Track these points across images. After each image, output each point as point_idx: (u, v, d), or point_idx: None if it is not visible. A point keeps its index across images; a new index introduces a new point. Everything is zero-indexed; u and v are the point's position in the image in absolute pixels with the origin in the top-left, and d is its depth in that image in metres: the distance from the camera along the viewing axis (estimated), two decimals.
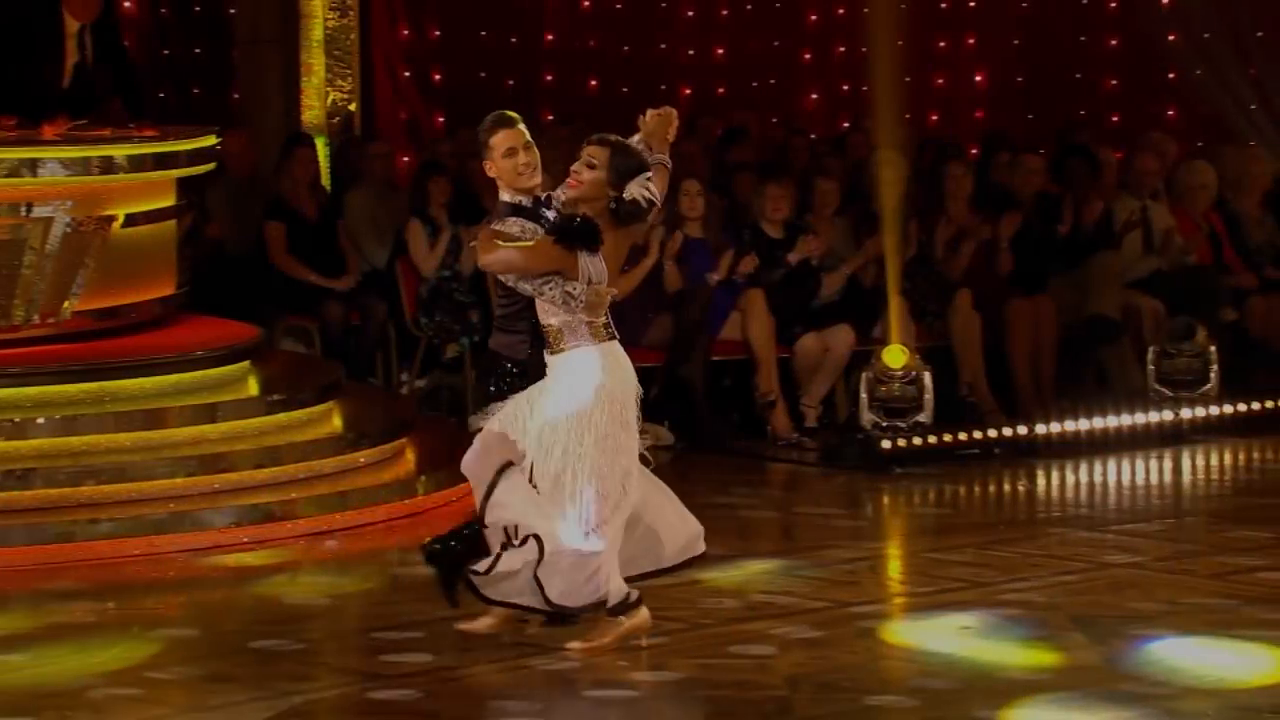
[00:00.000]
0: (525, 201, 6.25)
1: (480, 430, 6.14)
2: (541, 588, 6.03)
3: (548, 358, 6.14)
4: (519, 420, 6.08)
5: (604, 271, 6.10)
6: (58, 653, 6.17)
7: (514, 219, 6.18)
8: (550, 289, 6.08)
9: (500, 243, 6.08)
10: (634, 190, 6.09)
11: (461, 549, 6.27)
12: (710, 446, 9.90)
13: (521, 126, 6.30)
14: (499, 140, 6.24)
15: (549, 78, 13.59)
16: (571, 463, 6.05)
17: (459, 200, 10.76)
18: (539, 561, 6.03)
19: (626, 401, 6.19)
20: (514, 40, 13.50)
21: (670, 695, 5.93)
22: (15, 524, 7.39)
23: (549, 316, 6.11)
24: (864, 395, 9.64)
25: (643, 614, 6.17)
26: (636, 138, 6.35)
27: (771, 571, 7.44)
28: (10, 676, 5.97)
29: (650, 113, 6.35)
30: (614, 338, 6.20)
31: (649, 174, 6.13)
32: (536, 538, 6.02)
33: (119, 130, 8.81)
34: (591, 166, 6.10)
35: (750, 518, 8.56)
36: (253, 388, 8.65)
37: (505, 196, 6.27)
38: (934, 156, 11.52)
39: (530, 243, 6.06)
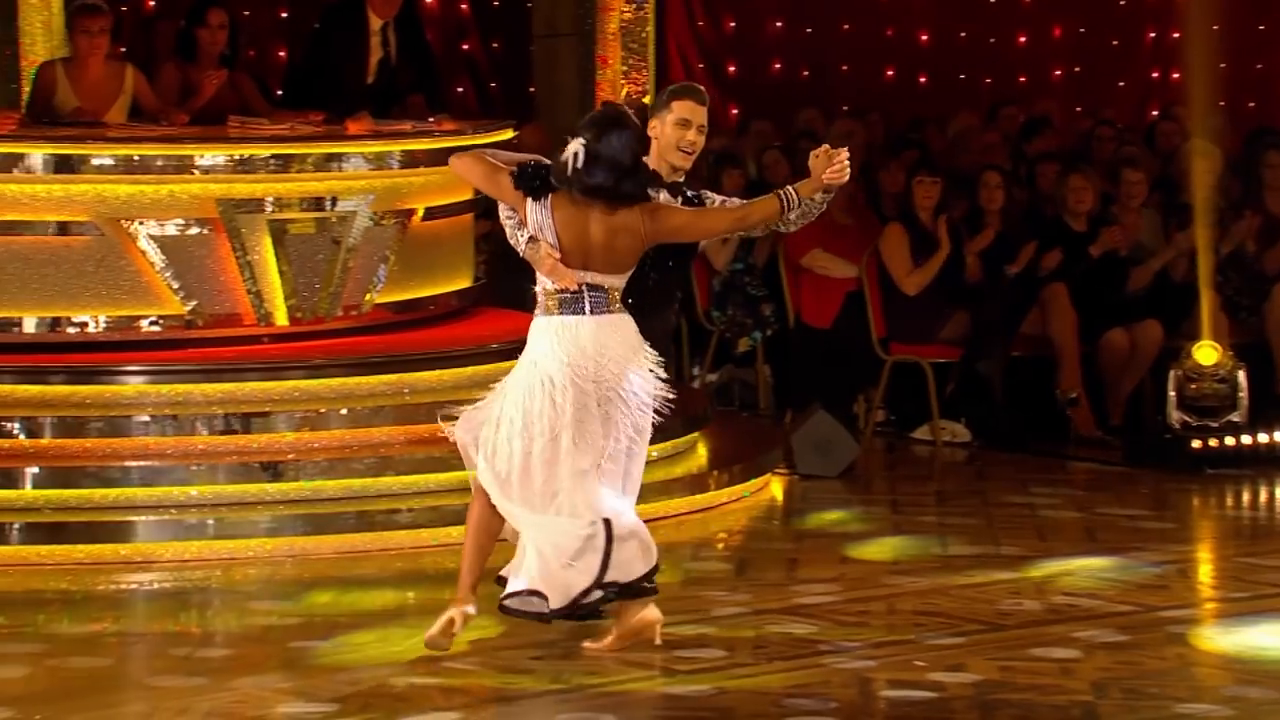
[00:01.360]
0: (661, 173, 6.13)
1: None
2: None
3: None
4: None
5: (549, 230, 5.91)
6: (360, 641, 6.27)
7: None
8: (509, 223, 6.06)
9: (487, 157, 6.04)
10: (567, 149, 5.88)
11: None
12: (1009, 445, 9.71)
13: (706, 108, 6.17)
14: (680, 107, 6.14)
15: (844, 68, 13.46)
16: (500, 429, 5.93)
17: (752, 193, 10.70)
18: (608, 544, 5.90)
19: (560, 382, 5.90)
20: (809, 31, 13.41)
21: (970, 697, 5.78)
22: (318, 513, 7.53)
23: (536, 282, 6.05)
24: (1172, 393, 9.36)
25: None
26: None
27: (1073, 573, 7.25)
28: (315, 663, 6.07)
29: (823, 148, 6.10)
30: (573, 313, 5.93)
31: (581, 141, 5.83)
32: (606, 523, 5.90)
33: (419, 125, 8.94)
34: None
35: (1051, 518, 8.35)
36: None
37: (647, 162, 6.16)
38: (1251, 146, 11.10)
39: (500, 165, 5.98)
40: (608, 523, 5.92)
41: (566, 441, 5.91)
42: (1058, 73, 13.80)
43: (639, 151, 5.95)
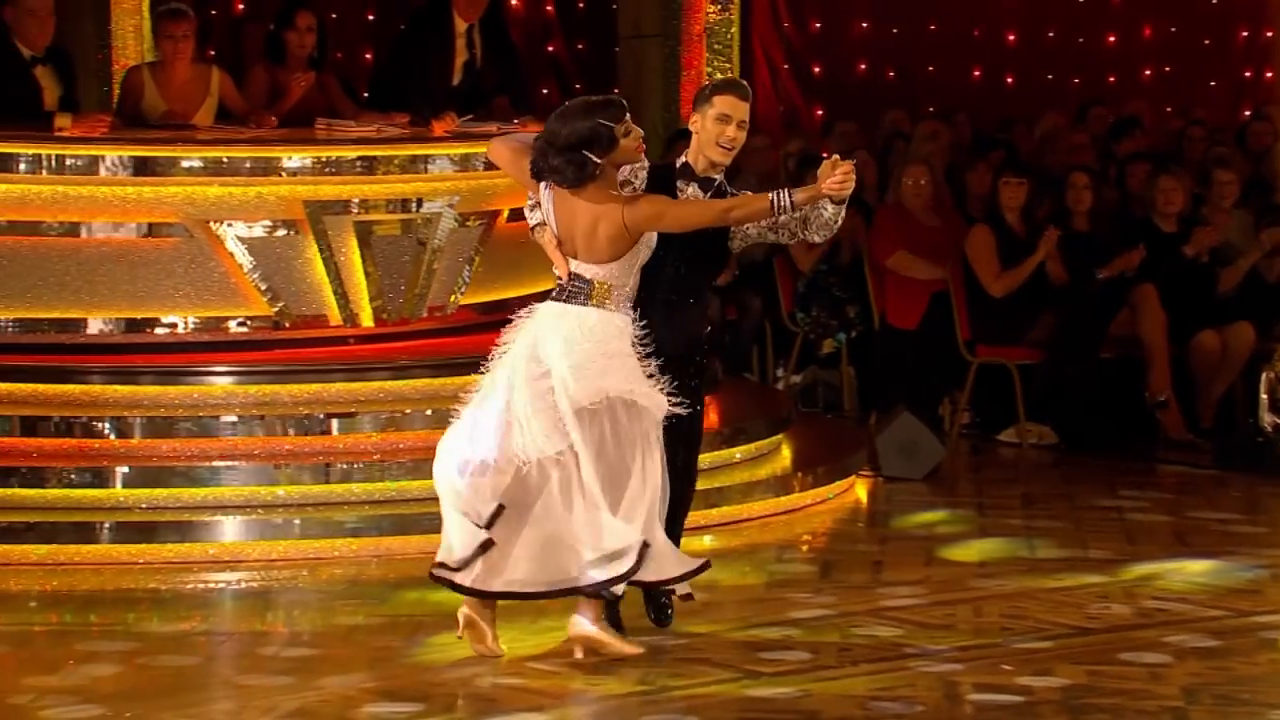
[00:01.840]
0: (695, 167, 6.07)
1: None
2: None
3: None
4: None
5: (550, 214, 6.03)
6: (446, 641, 6.27)
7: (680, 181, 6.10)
8: (528, 204, 6.21)
9: (517, 140, 6.13)
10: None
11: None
12: (1096, 447, 9.61)
13: (748, 105, 6.10)
14: (721, 102, 6.09)
15: (931, 69, 13.39)
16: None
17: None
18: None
19: (504, 359, 6.00)
20: (895, 31, 13.34)
21: (1057, 702, 5.72)
22: (403, 513, 7.56)
23: None
24: (1264, 396, 9.23)
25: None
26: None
27: (1163, 577, 7.17)
28: (400, 663, 6.08)
29: (833, 158, 5.97)
30: (552, 299, 6.03)
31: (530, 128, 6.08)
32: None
33: (505, 126, 8.95)
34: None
35: (1139, 521, 8.26)
36: None
37: (686, 155, 6.12)
38: None
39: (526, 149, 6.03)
40: (500, 509, 5.90)
41: (491, 416, 5.92)
42: (1148, 73, 13.66)
43: (583, 137, 5.90)
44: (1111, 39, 13.66)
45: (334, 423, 7.82)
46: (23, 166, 7.92)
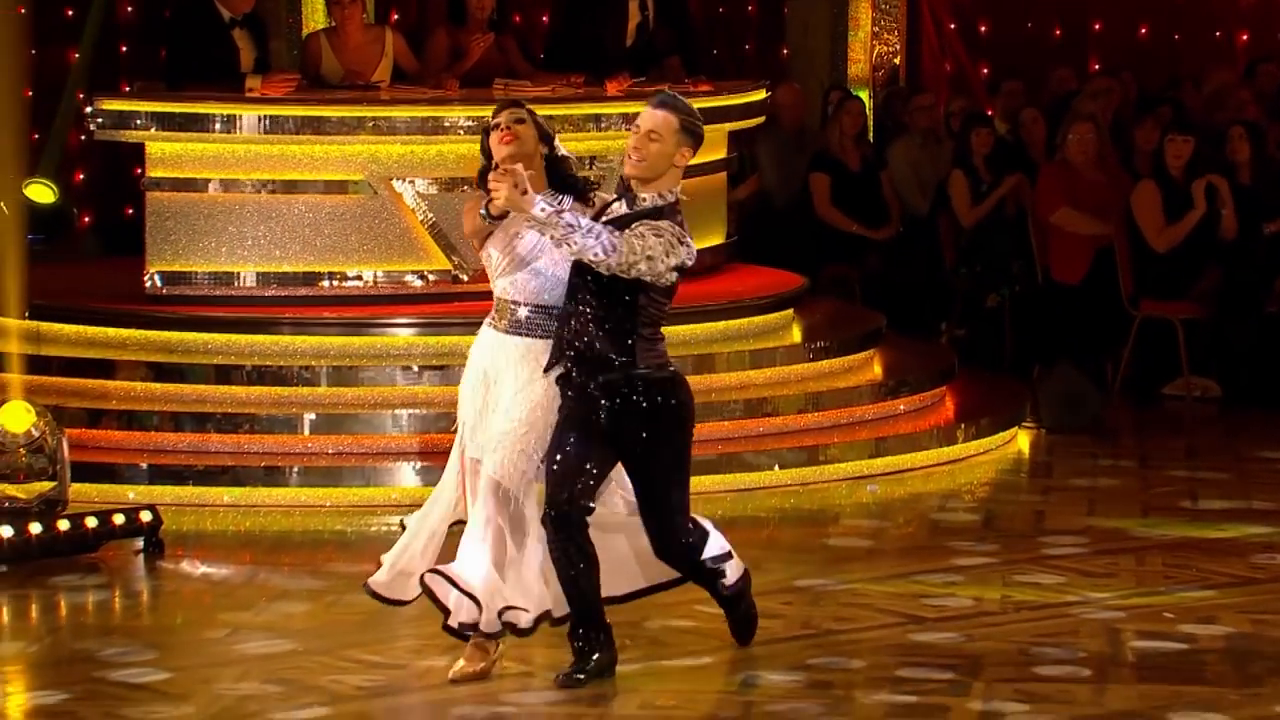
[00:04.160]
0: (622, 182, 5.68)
1: None
2: None
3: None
4: None
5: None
6: None
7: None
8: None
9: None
10: (561, 148, 5.74)
11: None
12: (1261, 401, 9.55)
13: (661, 115, 5.48)
14: (641, 113, 5.63)
15: (1098, 26, 13.28)
16: None
17: (1002, 151, 10.70)
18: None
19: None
20: None
21: (1221, 650, 5.78)
22: None
23: None
24: None
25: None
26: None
27: None
28: None
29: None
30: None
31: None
32: None
33: (676, 86, 9.10)
34: (521, 121, 5.74)
35: None
36: (796, 335, 8.82)
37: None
38: None
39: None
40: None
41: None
42: None
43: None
44: None
45: None
46: (217, 126, 8.23)
